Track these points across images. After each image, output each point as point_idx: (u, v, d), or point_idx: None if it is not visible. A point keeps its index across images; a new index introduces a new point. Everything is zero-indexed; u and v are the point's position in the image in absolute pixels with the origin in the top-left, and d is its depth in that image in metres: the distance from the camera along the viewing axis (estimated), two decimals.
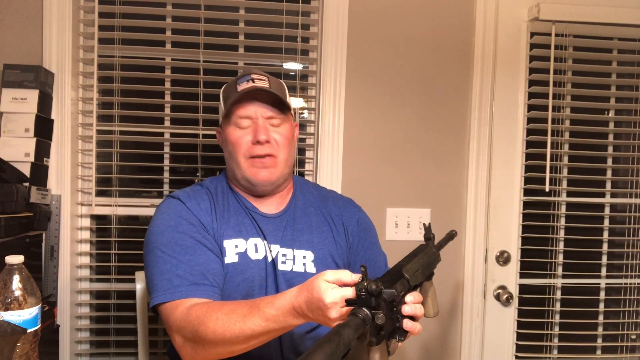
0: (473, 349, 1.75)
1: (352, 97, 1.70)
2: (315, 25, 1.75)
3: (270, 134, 1.08)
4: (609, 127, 1.84)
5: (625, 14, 1.71)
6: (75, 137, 1.65)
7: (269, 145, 1.08)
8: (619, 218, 1.86)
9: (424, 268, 0.93)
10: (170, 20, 1.71)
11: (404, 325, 0.78)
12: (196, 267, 0.98)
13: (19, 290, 0.80)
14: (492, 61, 1.73)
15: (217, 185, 1.18)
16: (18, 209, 1.39)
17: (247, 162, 1.08)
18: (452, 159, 1.76)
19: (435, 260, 1.01)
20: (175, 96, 1.74)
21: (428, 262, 0.96)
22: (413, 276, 0.85)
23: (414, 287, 0.86)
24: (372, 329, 0.69)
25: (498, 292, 1.75)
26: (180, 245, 1.00)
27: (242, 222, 1.10)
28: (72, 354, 1.64)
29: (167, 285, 0.95)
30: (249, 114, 1.08)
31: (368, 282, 0.69)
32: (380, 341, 0.73)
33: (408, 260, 0.91)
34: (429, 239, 1.04)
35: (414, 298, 0.81)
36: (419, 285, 0.92)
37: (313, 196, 1.21)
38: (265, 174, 1.08)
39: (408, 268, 0.86)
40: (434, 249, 1.02)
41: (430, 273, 0.99)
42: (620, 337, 1.82)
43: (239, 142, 1.08)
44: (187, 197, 1.09)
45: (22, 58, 1.57)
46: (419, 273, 0.90)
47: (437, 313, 1.02)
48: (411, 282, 0.83)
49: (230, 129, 1.10)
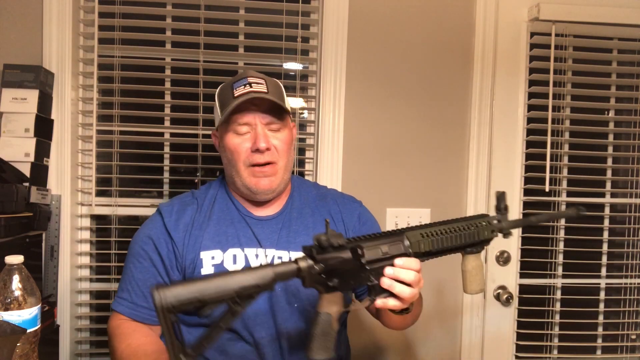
0: (473, 349, 1.75)
1: (352, 97, 1.70)
2: (315, 25, 1.75)
3: (270, 140, 1.06)
4: (609, 127, 1.84)
5: (625, 14, 1.71)
6: (75, 137, 1.65)
7: (269, 152, 1.05)
8: (619, 218, 1.86)
9: (449, 237, 0.89)
10: (170, 20, 1.71)
11: (381, 282, 0.83)
12: (143, 288, 1.06)
13: (18, 290, 0.80)
14: (492, 61, 1.73)
15: (211, 192, 1.16)
16: (18, 209, 1.39)
17: (247, 170, 1.06)
18: (452, 159, 1.76)
19: (479, 232, 0.92)
20: (175, 96, 1.74)
21: (462, 232, 0.90)
22: (417, 241, 0.86)
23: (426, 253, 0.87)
24: (315, 278, 0.79)
25: (498, 292, 1.75)
26: (140, 263, 1.08)
27: (225, 232, 1.08)
28: (72, 354, 1.64)
29: (119, 294, 1.09)
30: (247, 120, 1.05)
31: (326, 235, 0.78)
32: (329, 291, 0.81)
33: (431, 225, 0.90)
34: (499, 210, 0.95)
35: (403, 262, 0.83)
36: (436, 253, 0.89)
37: (311, 196, 1.20)
38: (266, 183, 1.07)
39: (413, 233, 0.87)
40: (483, 221, 0.94)
41: (470, 245, 0.93)
42: (620, 337, 1.82)
43: (238, 149, 1.06)
44: (169, 212, 1.11)
45: (22, 58, 1.57)
46: (434, 240, 0.88)
47: (479, 290, 0.96)
48: (413, 248, 0.86)
49: (228, 135, 1.07)
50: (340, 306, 0.83)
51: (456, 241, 0.91)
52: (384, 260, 0.85)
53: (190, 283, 0.71)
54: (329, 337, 0.82)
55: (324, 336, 0.82)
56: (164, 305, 0.68)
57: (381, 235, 0.87)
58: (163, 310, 0.69)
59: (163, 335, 0.69)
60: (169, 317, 0.69)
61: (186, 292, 0.70)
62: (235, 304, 0.72)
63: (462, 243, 0.91)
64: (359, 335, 1.70)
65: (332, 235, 0.80)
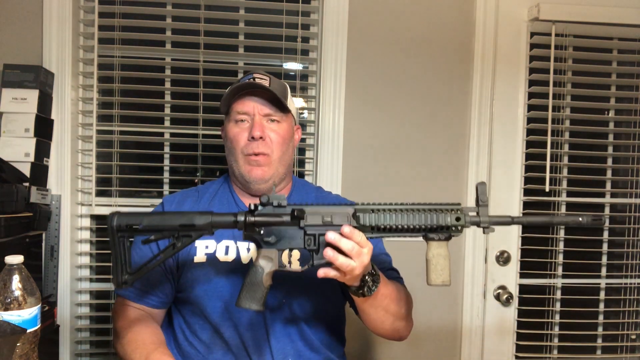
0: (473, 349, 1.75)
1: (352, 97, 1.70)
2: (315, 25, 1.75)
3: (266, 131, 1.10)
4: (609, 127, 1.84)
5: (625, 14, 1.71)
6: (75, 137, 1.65)
7: (263, 142, 1.09)
8: (619, 218, 1.86)
9: (400, 216, 0.87)
10: (170, 20, 1.71)
11: (324, 253, 0.84)
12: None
13: (18, 290, 0.80)
14: (492, 61, 1.73)
15: (213, 187, 1.20)
16: (18, 209, 1.39)
17: (244, 158, 1.10)
18: (452, 159, 1.76)
19: (439, 217, 0.88)
20: (175, 96, 1.74)
21: (417, 214, 0.88)
22: (363, 215, 0.87)
23: (373, 228, 0.88)
24: (253, 231, 0.86)
25: (498, 292, 1.75)
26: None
27: None
28: (72, 354, 1.64)
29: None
30: (246, 109, 1.10)
31: (268, 195, 0.86)
32: (262, 246, 0.87)
33: (390, 204, 0.89)
34: (483, 202, 0.89)
35: (348, 230, 0.84)
36: (385, 230, 0.88)
37: (311, 197, 1.21)
38: (258, 172, 1.10)
39: (364, 207, 0.88)
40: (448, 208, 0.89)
41: (429, 229, 0.88)
42: (620, 337, 1.82)
43: (237, 138, 1.10)
44: (170, 202, 1.16)
45: (22, 58, 1.57)
46: (382, 216, 0.87)
47: (442, 283, 0.89)
48: (358, 220, 0.87)
49: (229, 125, 1.13)
50: (275, 264, 0.88)
51: (409, 221, 0.88)
52: (325, 227, 0.86)
53: (142, 215, 0.87)
54: (257, 289, 0.88)
55: (252, 287, 0.88)
56: (115, 226, 0.84)
57: (329, 205, 0.90)
58: (112, 230, 0.84)
59: None
60: (117, 237, 0.85)
61: (135, 219, 0.85)
62: (176, 239, 0.86)
63: (417, 225, 0.88)
64: (359, 336, 1.70)
65: (277, 196, 0.87)
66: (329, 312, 1.13)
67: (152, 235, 0.87)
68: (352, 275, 0.86)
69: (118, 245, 0.86)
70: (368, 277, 0.91)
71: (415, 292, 1.16)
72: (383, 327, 1.04)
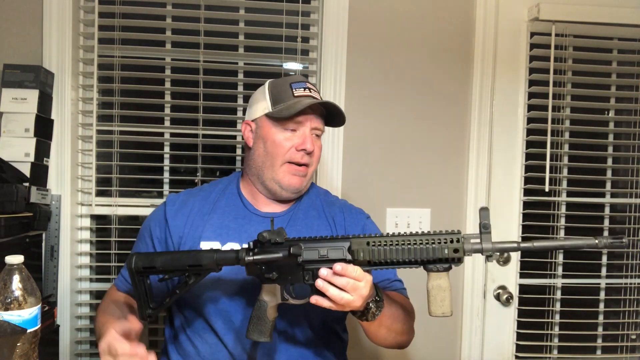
0: (473, 349, 1.75)
1: (352, 97, 1.70)
2: (315, 25, 1.75)
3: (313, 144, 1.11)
4: (609, 127, 1.84)
5: (625, 14, 1.71)
6: (75, 137, 1.65)
7: (308, 155, 1.10)
8: (619, 218, 1.86)
9: (396, 250, 0.86)
10: (170, 20, 1.71)
11: (316, 283, 0.86)
12: None
13: (18, 290, 0.80)
14: (492, 61, 1.73)
15: (220, 186, 1.19)
16: (18, 209, 1.39)
17: (285, 166, 1.09)
18: (452, 159, 1.76)
19: (436, 250, 0.85)
20: (175, 96, 1.74)
21: (413, 247, 0.86)
22: (359, 249, 0.87)
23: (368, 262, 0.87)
24: (255, 268, 0.91)
25: (498, 292, 1.75)
26: (139, 245, 1.18)
27: (227, 226, 1.11)
28: (72, 354, 1.64)
29: (122, 270, 1.21)
30: (301, 119, 1.09)
31: (268, 232, 0.89)
32: (267, 282, 0.92)
33: (387, 235, 0.87)
34: (485, 228, 0.85)
35: (340, 269, 0.83)
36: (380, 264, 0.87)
37: (319, 200, 1.20)
38: (298, 182, 1.10)
39: (359, 240, 0.88)
40: (446, 239, 0.86)
41: (426, 262, 0.86)
42: (620, 337, 1.82)
43: (283, 144, 1.08)
44: (173, 202, 1.17)
45: (22, 58, 1.57)
46: (377, 250, 0.86)
47: (442, 314, 0.88)
48: (353, 255, 0.87)
49: (274, 129, 1.09)
50: (278, 298, 0.93)
51: (405, 255, 0.86)
52: (322, 262, 0.88)
53: (156, 255, 0.97)
54: (263, 323, 0.93)
55: (258, 321, 0.93)
56: (134, 268, 0.94)
57: (325, 239, 0.91)
58: (132, 271, 0.94)
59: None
60: (137, 277, 0.94)
61: (150, 261, 0.94)
62: (187, 277, 0.94)
63: (413, 259, 0.86)
64: (359, 335, 1.70)
65: (275, 232, 0.90)
66: (333, 320, 1.14)
67: (167, 276, 0.96)
68: (351, 307, 0.87)
69: (139, 284, 0.95)
70: (372, 304, 0.91)
71: (415, 292, 1.16)
72: (385, 342, 1.06)
